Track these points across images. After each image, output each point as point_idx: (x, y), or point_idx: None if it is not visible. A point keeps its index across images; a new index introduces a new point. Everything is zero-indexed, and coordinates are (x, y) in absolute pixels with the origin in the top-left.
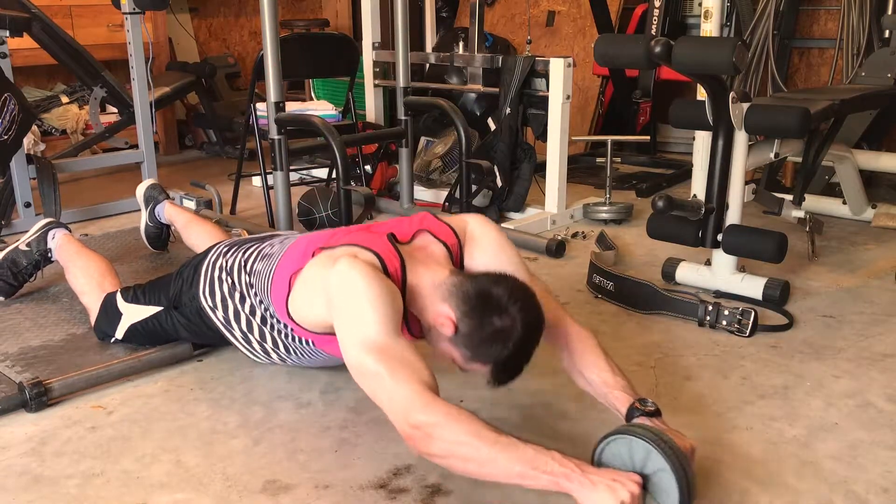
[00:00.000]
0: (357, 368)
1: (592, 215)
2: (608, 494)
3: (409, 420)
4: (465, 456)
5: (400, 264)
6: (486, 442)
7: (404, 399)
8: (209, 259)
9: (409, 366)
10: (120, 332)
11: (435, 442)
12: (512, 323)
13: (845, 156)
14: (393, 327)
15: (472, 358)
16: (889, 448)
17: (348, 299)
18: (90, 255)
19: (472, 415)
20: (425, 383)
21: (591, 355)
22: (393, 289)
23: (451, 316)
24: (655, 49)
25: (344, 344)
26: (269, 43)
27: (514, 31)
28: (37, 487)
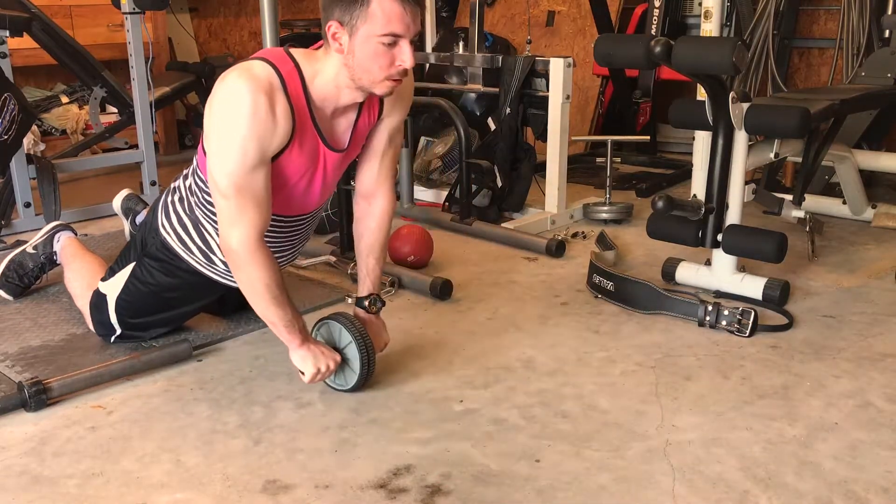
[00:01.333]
0: (215, 185)
1: (592, 215)
2: (311, 360)
3: (231, 247)
4: (249, 293)
5: (294, 66)
6: (267, 293)
7: (235, 231)
8: (163, 195)
9: (254, 205)
10: (113, 317)
11: (238, 273)
12: None
13: (845, 156)
14: (254, 162)
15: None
16: (889, 448)
17: (223, 119)
18: (86, 256)
19: (274, 271)
20: (258, 226)
21: (372, 236)
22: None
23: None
24: (655, 49)
25: (211, 160)
26: (269, 43)
27: (514, 31)
28: (36, 487)
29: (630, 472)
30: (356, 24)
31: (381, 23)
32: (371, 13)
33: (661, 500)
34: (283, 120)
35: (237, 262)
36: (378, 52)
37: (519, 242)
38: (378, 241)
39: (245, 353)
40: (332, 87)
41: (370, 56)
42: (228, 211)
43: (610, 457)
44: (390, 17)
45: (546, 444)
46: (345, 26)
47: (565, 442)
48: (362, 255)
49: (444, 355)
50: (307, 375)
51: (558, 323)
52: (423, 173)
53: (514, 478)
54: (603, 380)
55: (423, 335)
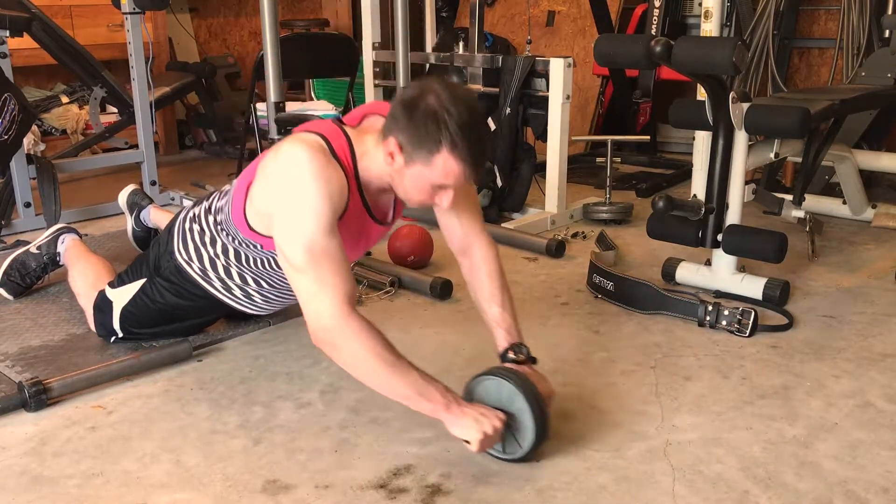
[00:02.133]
0: (286, 259)
1: (592, 215)
2: (474, 424)
3: (322, 324)
4: (362, 370)
5: (346, 141)
6: (383, 364)
7: (322, 304)
8: (179, 218)
9: (336, 271)
10: (117, 323)
11: (340, 352)
12: (434, 95)
13: (845, 156)
14: (329, 225)
15: (428, 154)
16: (889, 448)
17: (288, 188)
18: (91, 258)
19: (379, 334)
20: (346, 293)
21: (489, 285)
22: (335, 174)
23: (391, 141)
24: (655, 49)
25: (280, 236)
26: (269, 43)
27: (514, 31)
28: (37, 487)
29: (630, 472)
30: (415, 159)
31: (438, 174)
32: (433, 162)
33: (661, 500)
34: (341, 183)
35: (334, 340)
36: (423, 189)
37: (519, 242)
38: (495, 288)
39: (245, 353)
40: (376, 174)
41: (414, 188)
42: (309, 285)
43: (610, 457)
44: (448, 174)
45: (546, 444)
46: (403, 152)
47: (565, 442)
48: (484, 308)
49: (444, 355)
50: (474, 443)
51: (558, 323)
52: None
53: (514, 478)
54: (603, 380)
55: (423, 335)
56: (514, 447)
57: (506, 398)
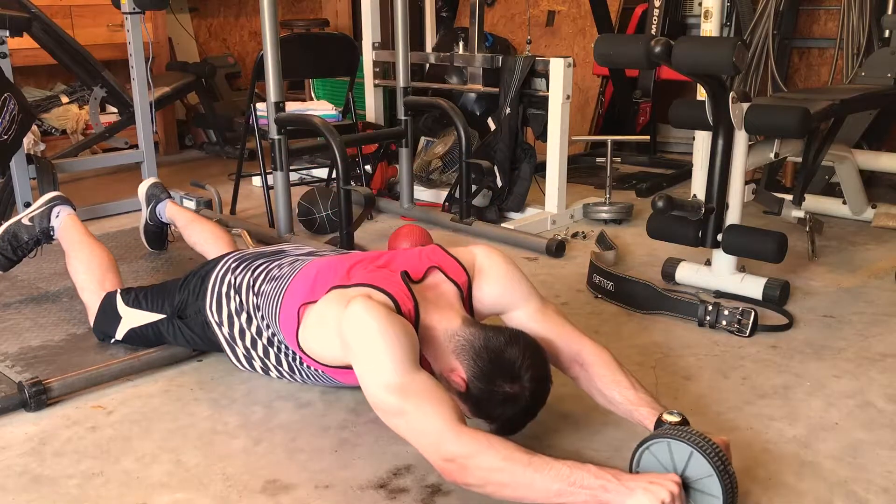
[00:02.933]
0: (382, 409)
1: (592, 215)
2: (646, 497)
3: (442, 453)
4: (502, 482)
5: (413, 306)
6: (520, 465)
7: (434, 433)
8: (217, 273)
9: (434, 399)
10: (119, 334)
11: (471, 472)
12: (521, 390)
13: (845, 156)
14: (411, 363)
15: (478, 414)
16: (889, 448)
17: (364, 343)
18: (94, 246)
19: (503, 439)
20: (452, 415)
21: (610, 374)
22: (408, 325)
23: (462, 375)
24: (655, 49)
25: (366, 387)
26: (269, 43)
27: (514, 31)
28: (37, 487)
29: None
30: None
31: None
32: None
33: None
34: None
35: (463, 464)
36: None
37: (519, 242)
38: (618, 374)
39: None
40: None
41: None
42: (414, 423)
43: (610, 457)
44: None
45: (546, 444)
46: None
47: (565, 442)
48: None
49: None
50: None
51: None
52: (423, 173)
53: None
54: None
55: None
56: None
57: (680, 461)
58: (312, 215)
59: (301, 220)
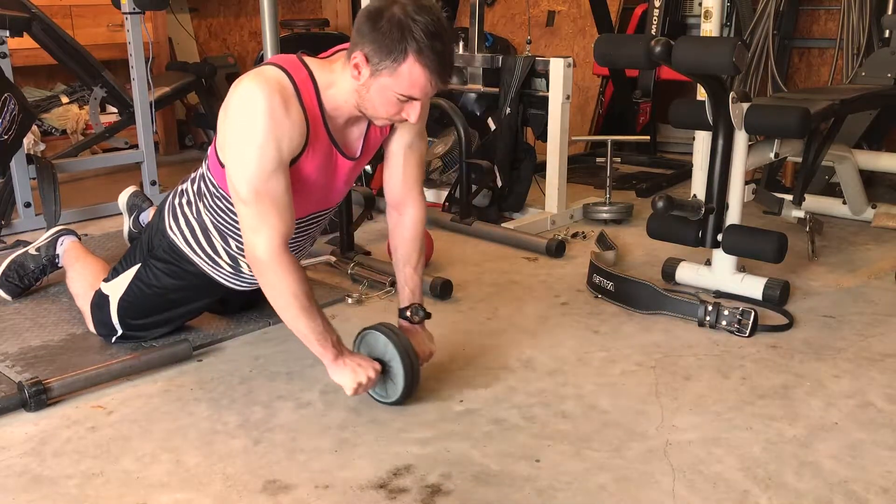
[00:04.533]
0: (235, 191)
1: (592, 215)
2: (350, 374)
3: (256, 256)
4: (277, 304)
5: (308, 74)
6: (296, 302)
7: (259, 239)
8: (168, 196)
9: (276, 211)
10: (115, 317)
11: (264, 282)
12: (399, 5)
13: (845, 156)
14: (273, 166)
15: (394, 63)
16: (889, 448)
17: (240, 124)
18: (88, 259)
19: (302, 278)
20: (282, 232)
21: (410, 244)
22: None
23: (356, 55)
24: (655, 49)
25: (229, 166)
26: (269, 43)
27: (514, 31)
28: (37, 487)
29: (630, 472)
30: (381, 70)
31: (403, 84)
32: (399, 72)
33: (661, 500)
34: (298, 124)
35: (262, 270)
36: (390, 101)
37: (519, 242)
38: (413, 250)
39: (245, 353)
40: (344, 101)
41: (381, 101)
42: (250, 218)
43: (610, 457)
44: (414, 84)
45: (546, 444)
46: (370, 64)
47: (565, 442)
48: (399, 265)
49: (444, 355)
50: (348, 389)
51: (558, 323)
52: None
53: (514, 478)
54: (603, 380)
55: None
56: (391, 392)
57: (382, 350)
58: None
59: None
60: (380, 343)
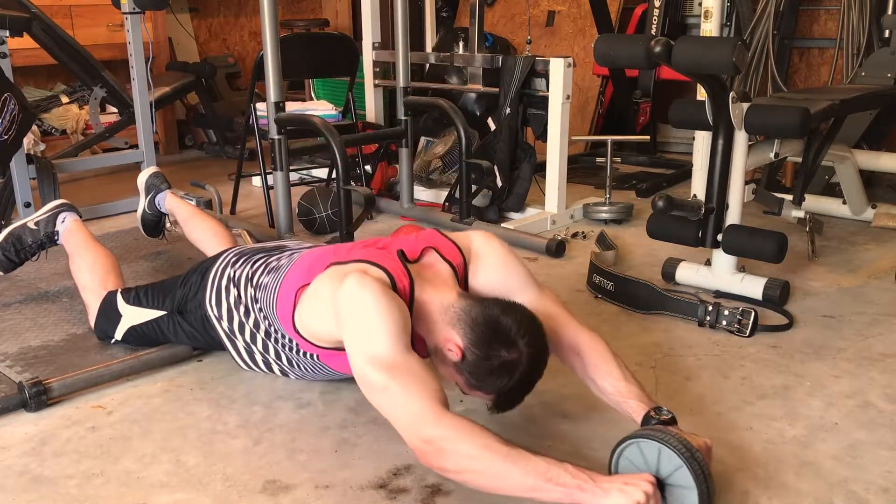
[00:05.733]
0: (366, 383)
1: (592, 215)
2: (621, 497)
3: (421, 435)
4: (477, 470)
5: (409, 282)
6: (498, 455)
7: (415, 414)
8: (217, 268)
9: (419, 380)
10: (119, 334)
11: (447, 457)
12: (519, 357)
13: (845, 156)
14: (402, 342)
15: (475, 386)
16: (889, 448)
17: (357, 315)
18: (97, 248)
19: (483, 428)
20: (436, 398)
21: (603, 363)
22: (402, 304)
23: (458, 343)
24: (655, 49)
25: (353, 359)
26: (269, 43)
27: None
28: (37, 487)
29: None
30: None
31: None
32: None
33: None
34: (405, 310)
35: (439, 447)
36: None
37: (519, 242)
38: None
39: None
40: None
41: (445, 373)
42: (396, 401)
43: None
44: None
45: (546, 444)
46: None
47: (565, 442)
48: (608, 390)
49: None
50: None
51: None
52: (423, 173)
53: None
54: None
55: None
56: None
57: (653, 460)
58: (312, 215)
59: (301, 220)
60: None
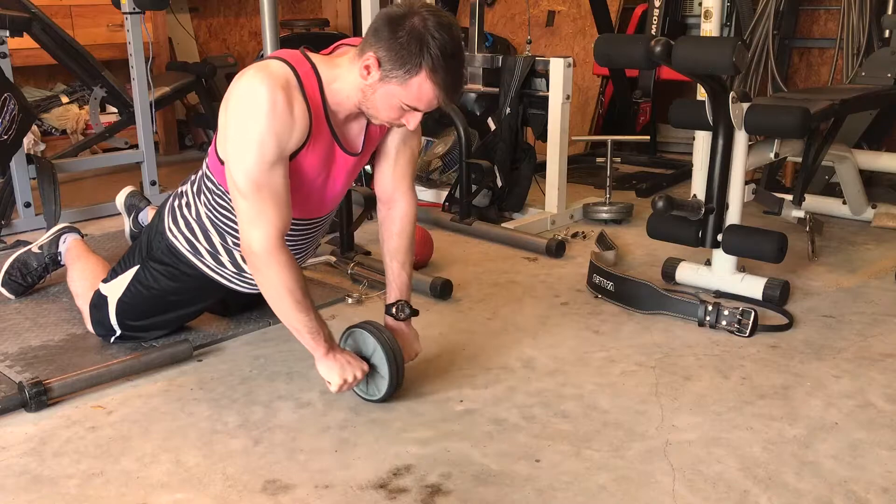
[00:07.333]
0: (234, 184)
1: (592, 215)
2: (338, 370)
3: (252, 248)
4: (271, 298)
5: (311, 68)
6: (290, 298)
7: (256, 232)
8: (168, 199)
9: (273, 205)
10: (113, 318)
11: (259, 276)
12: (420, 17)
13: (845, 156)
14: (272, 159)
15: (406, 74)
16: (889, 448)
17: (241, 116)
18: (90, 258)
19: (297, 273)
20: (279, 226)
21: (398, 239)
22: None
23: (369, 56)
24: (655, 49)
25: (229, 158)
26: (269, 43)
27: (514, 31)
28: (37, 487)
29: (630, 472)
30: (391, 78)
31: (411, 96)
32: (409, 83)
33: (661, 500)
34: (301, 118)
35: (258, 265)
36: (392, 107)
37: (519, 242)
38: (402, 246)
39: (245, 353)
40: (346, 97)
41: (384, 106)
42: (248, 211)
43: (610, 457)
44: (421, 98)
45: (546, 444)
46: (381, 68)
47: (565, 442)
48: (386, 260)
49: (444, 355)
50: (333, 385)
51: (558, 323)
52: (423, 173)
53: (514, 478)
54: (603, 380)
55: (424, 335)
56: (373, 391)
57: (370, 349)
58: None
59: None
60: (367, 342)
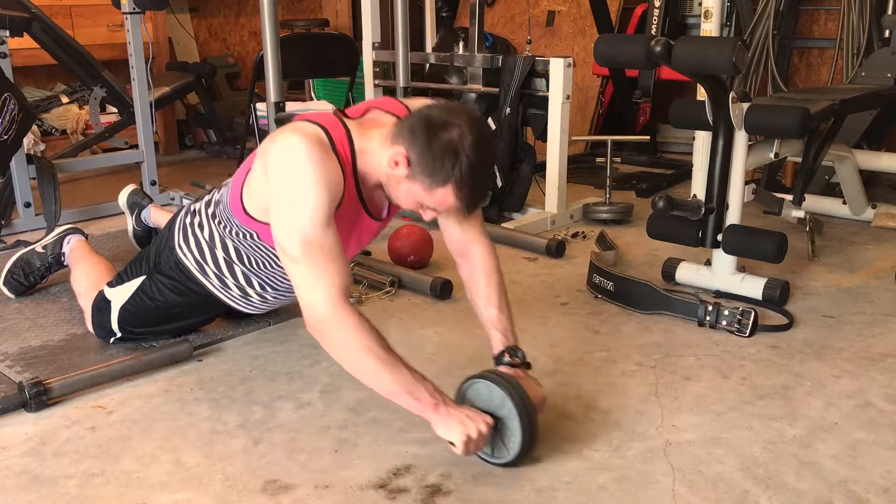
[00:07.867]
0: (282, 250)
1: (592, 215)
2: (459, 427)
3: (315, 315)
4: (352, 364)
5: (346, 134)
6: (373, 357)
7: (317, 295)
8: (180, 213)
9: (331, 263)
10: (115, 323)
11: (331, 343)
12: (459, 131)
13: (845, 156)
14: (325, 216)
15: (432, 182)
16: (889, 448)
17: (286, 177)
18: (94, 258)
19: (372, 329)
20: (341, 285)
21: (486, 284)
22: (333, 166)
23: (402, 153)
24: (655, 49)
25: (276, 224)
26: (269, 43)
27: (514, 31)
28: (36, 487)
29: (630, 472)
30: (417, 179)
31: (433, 201)
32: (433, 192)
33: (661, 500)
34: (336, 174)
35: (326, 331)
36: (412, 201)
37: (519, 242)
38: (492, 290)
39: (245, 353)
40: (373, 171)
41: (405, 198)
42: (304, 276)
43: (610, 457)
44: (442, 205)
45: (546, 444)
46: (410, 168)
47: (565, 442)
48: (481, 310)
49: (444, 355)
50: (458, 446)
51: (558, 323)
52: None
53: (514, 478)
54: (603, 380)
55: (424, 335)
56: (502, 452)
57: (496, 402)
58: None
59: None
60: (486, 393)
